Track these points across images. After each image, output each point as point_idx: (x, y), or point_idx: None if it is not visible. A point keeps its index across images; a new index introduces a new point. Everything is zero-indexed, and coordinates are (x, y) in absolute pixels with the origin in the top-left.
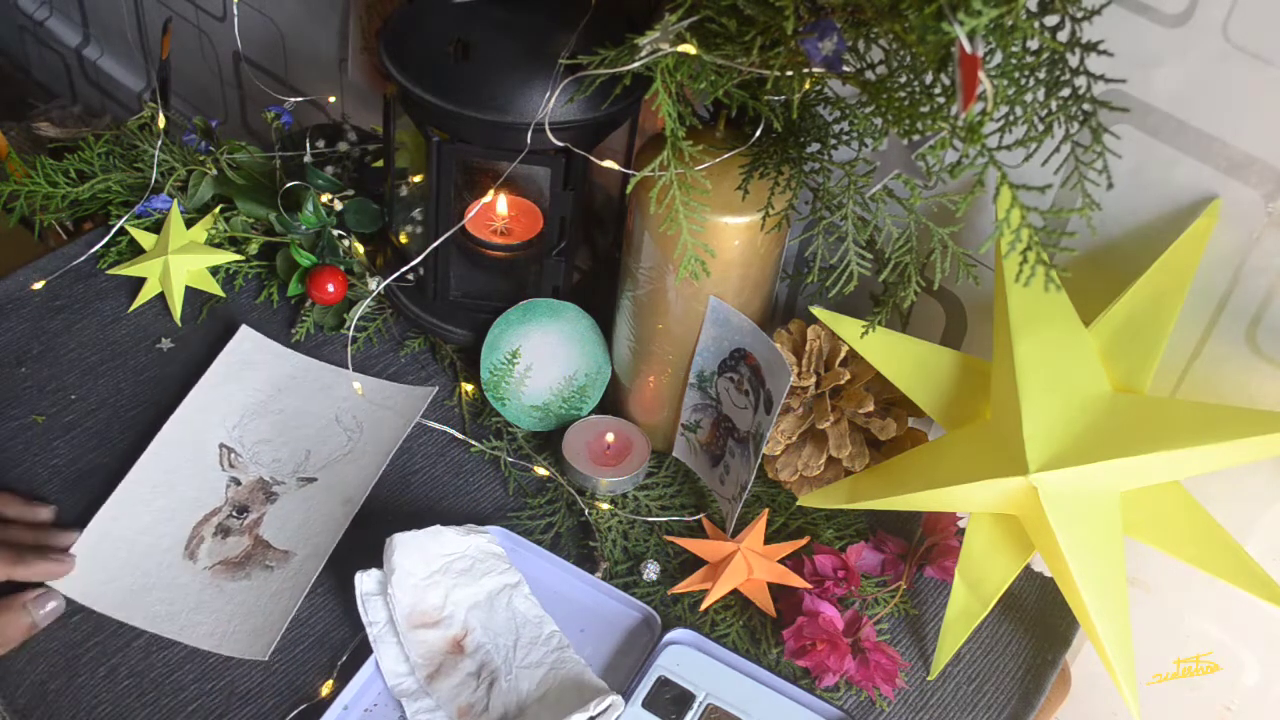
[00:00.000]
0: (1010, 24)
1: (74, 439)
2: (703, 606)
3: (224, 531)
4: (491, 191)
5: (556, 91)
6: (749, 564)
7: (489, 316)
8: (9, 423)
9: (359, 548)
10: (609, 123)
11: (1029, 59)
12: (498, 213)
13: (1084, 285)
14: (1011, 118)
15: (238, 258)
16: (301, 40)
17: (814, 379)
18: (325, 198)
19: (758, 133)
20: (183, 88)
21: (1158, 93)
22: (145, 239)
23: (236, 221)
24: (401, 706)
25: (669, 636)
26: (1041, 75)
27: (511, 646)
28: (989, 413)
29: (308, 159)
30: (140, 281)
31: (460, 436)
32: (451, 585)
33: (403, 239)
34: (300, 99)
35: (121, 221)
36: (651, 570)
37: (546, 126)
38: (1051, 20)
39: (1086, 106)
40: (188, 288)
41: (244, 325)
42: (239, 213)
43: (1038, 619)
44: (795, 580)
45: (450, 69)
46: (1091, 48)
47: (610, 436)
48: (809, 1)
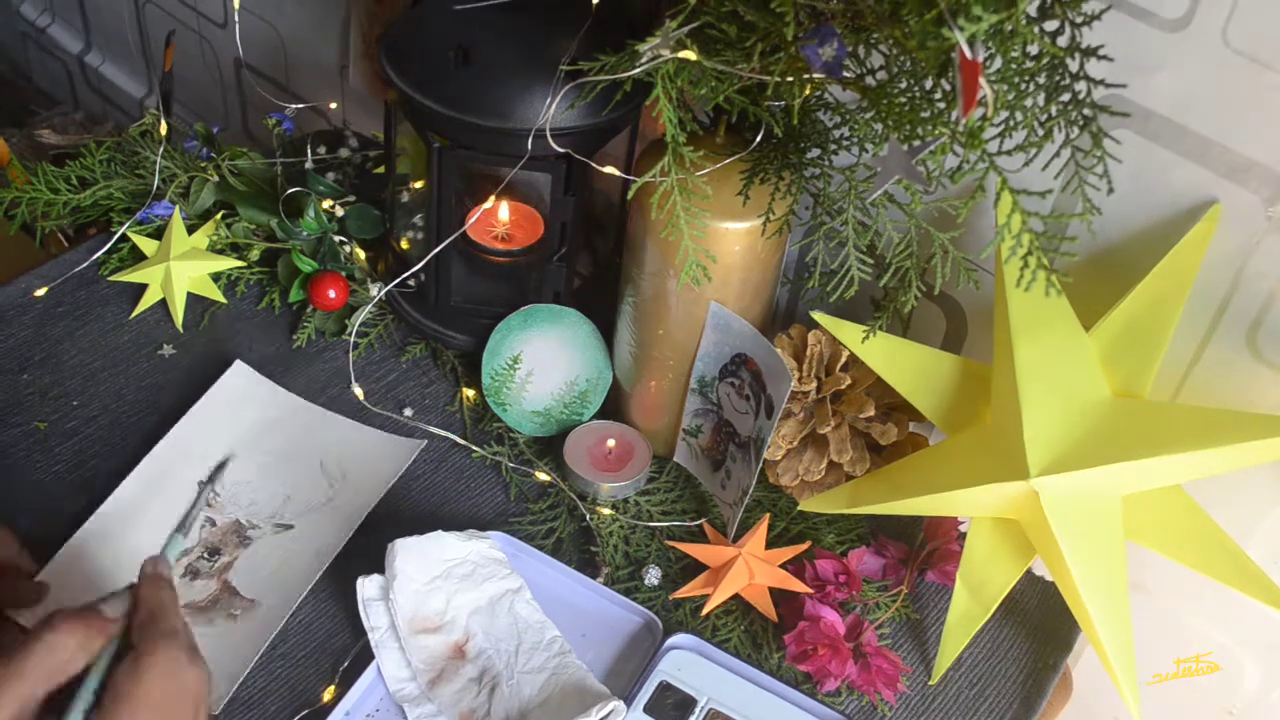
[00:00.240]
0: (1010, 29)
1: (76, 445)
2: (704, 611)
3: (193, 574)
4: (492, 197)
5: (557, 98)
6: (750, 569)
7: (490, 322)
8: (11, 429)
9: (361, 553)
10: (610, 128)
11: (1029, 64)
12: (499, 218)
13: (1084, 290)
14: (1012, 123)
15: (239, 264)
16: (302, 47)
17: (815, 384)
18: (326, 204)
19: (758, 138)
20: (184, 94)
21: (1157, 97)
22: (147, 245)
23: (238, 228)
24: (403, 712)
25: (670, 641)
26: (1041, 80)
27: (513, 652)
28: (990, 417)
29: (309, 165)
30: (142, 288)
31: (462, 442)
32: (453, 590)
33: (404, 245)
34: (301, 105)
35: (124, 228)
36: (653, 575)
37: (547, 132)
38: (1051, 25)
39: (1087, 111)
40: (189, 294)
41: (238, 361)
42: (240, 219)
43: (1039, 623)
44: (797, 585)
45: (451, 75)
46: (1091, 53)
47: (611, 442)
48: (809, 7)
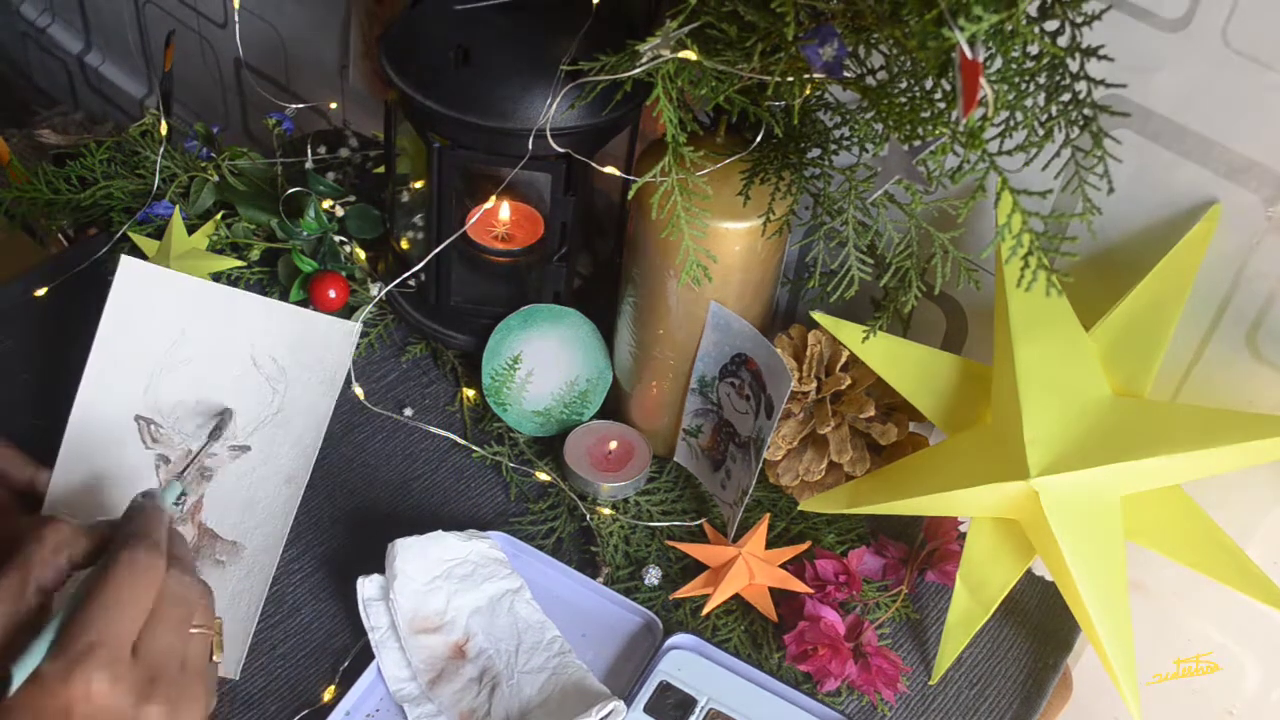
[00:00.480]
0: (1011, 29)
1: None
2: (704, 611)
3: None
4: (493, 197)
5: (557, 98)
6: (750, 569)
7: (490, 322)
8: (11, 429)
9: (361, 553)
10: (610, 128)
11: (1029, 64)
12: (499, 218)
13: (1085, 290)
14: (1012, 123)
15: (239, 264)
16: (302, 47)
17: (815, 384)
18: (327, 204)
19: (758, 138)
20: (184, 94)
21: (1158, 97)
22: (147, 245)
23: (238, 228)
24: (404, 712)
25: (670, 641)
26: (1042, 80)
27: (513, 652)
28: (990, 417)
29: (309, 165)
30: None
31: (462, 442)
32: (453, 590)
33: (404, 245)
34: (301, 105)
35: (124, 229)
36: (653, 575)
37: (547, 132)
38: (1052, 25)
39: (1087, 111)
40: None
41: (124, 256)
42: (240, 219)
43: (1039, 623)
44: (797, 585)
45: (451, 75)
46: (1092, 53)
47: (612, 442)
48: (809, 8)
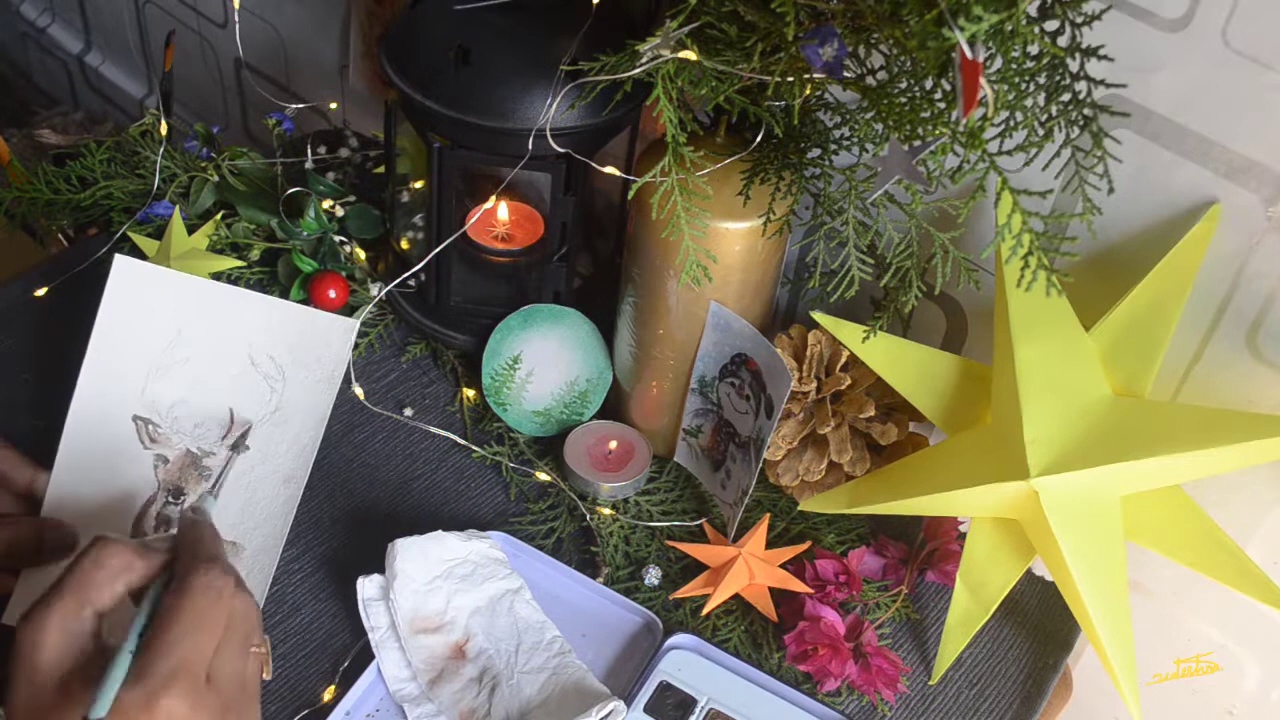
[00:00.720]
0: (1010, 29)
1: None
2: (704, 611)
3: (165, 523)
4: (493, 197)
5: (557, 98)
6: (750, 569)
7: (490, 322)
8: (11, 430)
9: (361, 553)
10: (610, 128)
11: (1029, 64)
12: (499, 218)
13: (1085, 290)
14: (1012, 123)
15: (239, 264)
16: (302, 47)
17: (815, 384)
18: (327, 204)
19: (759, 138)
20: (184, 94)
21: (1158, 97)
22: (147, 245)
23: (238, 228)
24: (404, 712)
25: (670, 641)
26: (1042, 80)
27: (513, 652)
28: (990, 417)
29: (309, 165)
30: None
31: (462, 442)
32: (453, 590)
33: (404, 245)
34: (301, 105)
35: (124, 229)
36: (653, 575)
37: (547, 132)
38: (1052, 25)
39: (1087, 111)
40: None
41: (118, 255)
42: (240, 219)
43: (1039, 623)
44: (797, 585)
45: (451, 75)
46: (1091, 53)
47: (612, 442)
48: (809, 7)
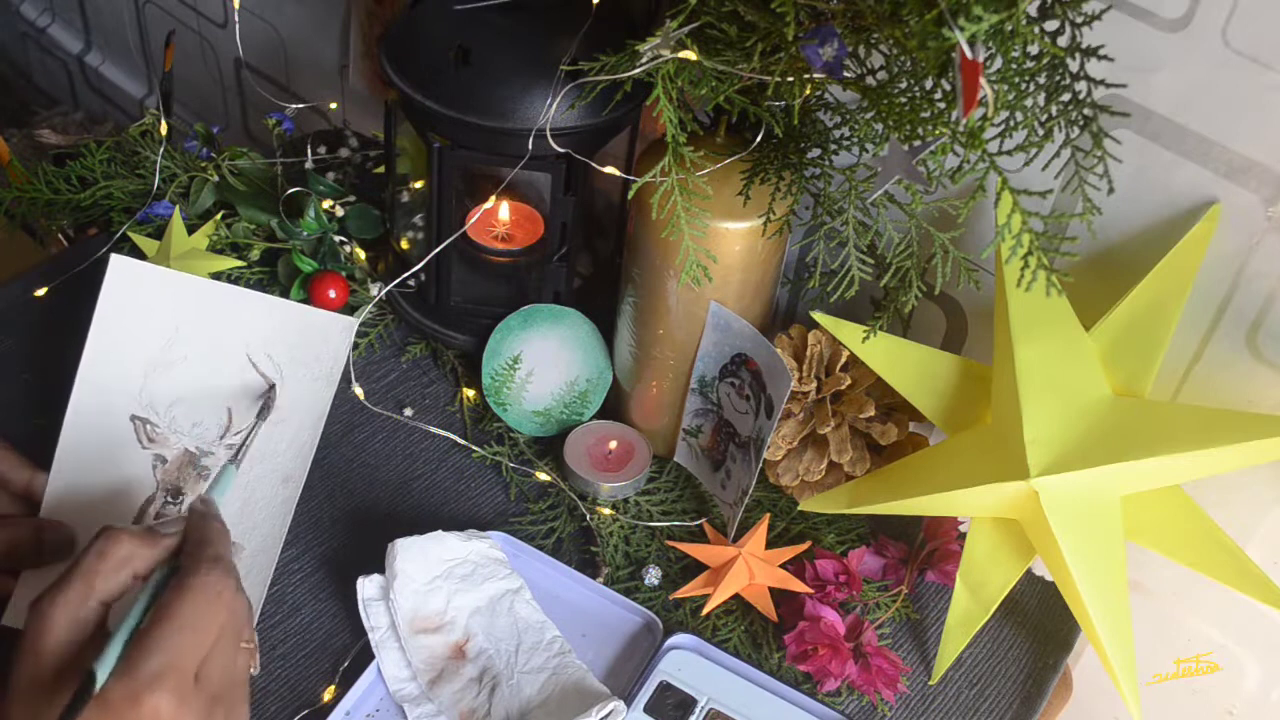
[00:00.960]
0: (1010, 29)
1: None
2: (704, 611)
3: None
4: (493, 197)
5: (557, 98)
6: (750, 569)
7: (490, 322)
8: (11, 430)
9: (361, 553)
10: (610, 128)
11: (1029, 64)
12: (499, 218)
13: (1085, 290)
14: (1012, 123)
15: (239, 264)
16: (302, 47)
17: (815, 384)
18: (327, 204)
19: (759, 138)
20: (184, 94)
21: (1158, 97)
22: (147, 245)
23: (238, 228)
24: (404, 712)
25: (670, 641)
26: (1042, 80)
27: (513, 652)
28: (990, 417)
29: (309, 165)
30: None
31: (462, 442)
32: (453, 590)
33: (404, 245)
34: (301, 105)
35: (124, 229)
36: (653, 575)
37: (547, 132)
38: (1052, 25)
39: (1087, 111)
40: None
41: (114, 255)
42: (240, 219)
43: (1039, 623)
44: (797, 585)
45: (451, 75)
46: (1091, 53)
47: (612, 442)
48: (809, 7)
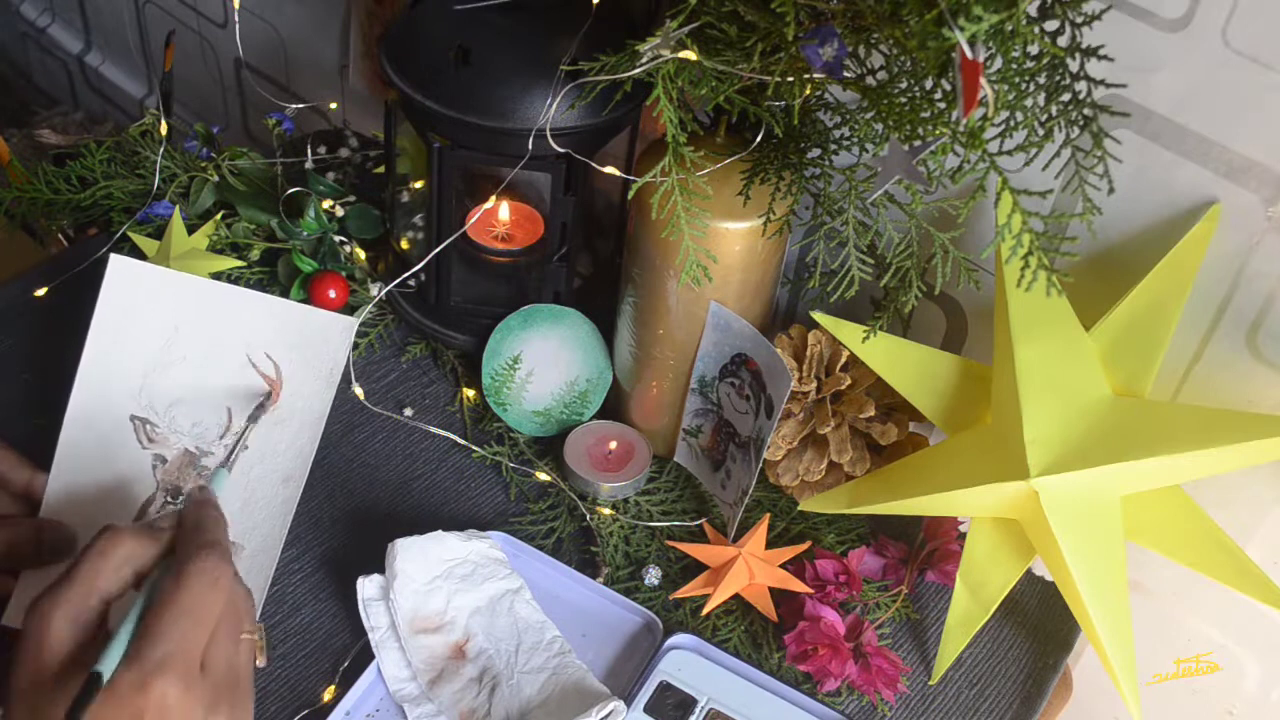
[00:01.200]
0: (1011, 29)
1: None
2: (704, 611)
3: None
4: (493, 197)
5: (557, 98)
6: (750, 569)
7: (490, 322)
8: (11, 430)
9: (361, 553)
10: (610, 128)
11: (1029, 64)
12: (499, 218)
13: (1085, 290)
14: (1012, 123)
15: (239, 264)
16: (302, 47)
17: (815, 384)
18: (327, 204)
19: (759, 138)
20: (184, 94)
21: (1158, 97)
22: (147, 245)
23: (238, 228)
24: (404, 712)
25: (670, 641)
26: (1042, 80)
27: (513, 652)
28: (990, 417)
29: (309, 165)
30: None
31: (462, 442)
32: (453, 590)
33: (404, 245)
34: (301, 105)
35: (124, 229)
36: (653, 575)
37: (547, 132)
38: (1052, 25)
39: (1087, 111)
40: None
41: (113, 255)
42: (240, 219)
43: (1039, 623)
44: (797, 585)
45: (451, 75)
46: (1092, 53)
47: (612, 442)
48: (809, 7)
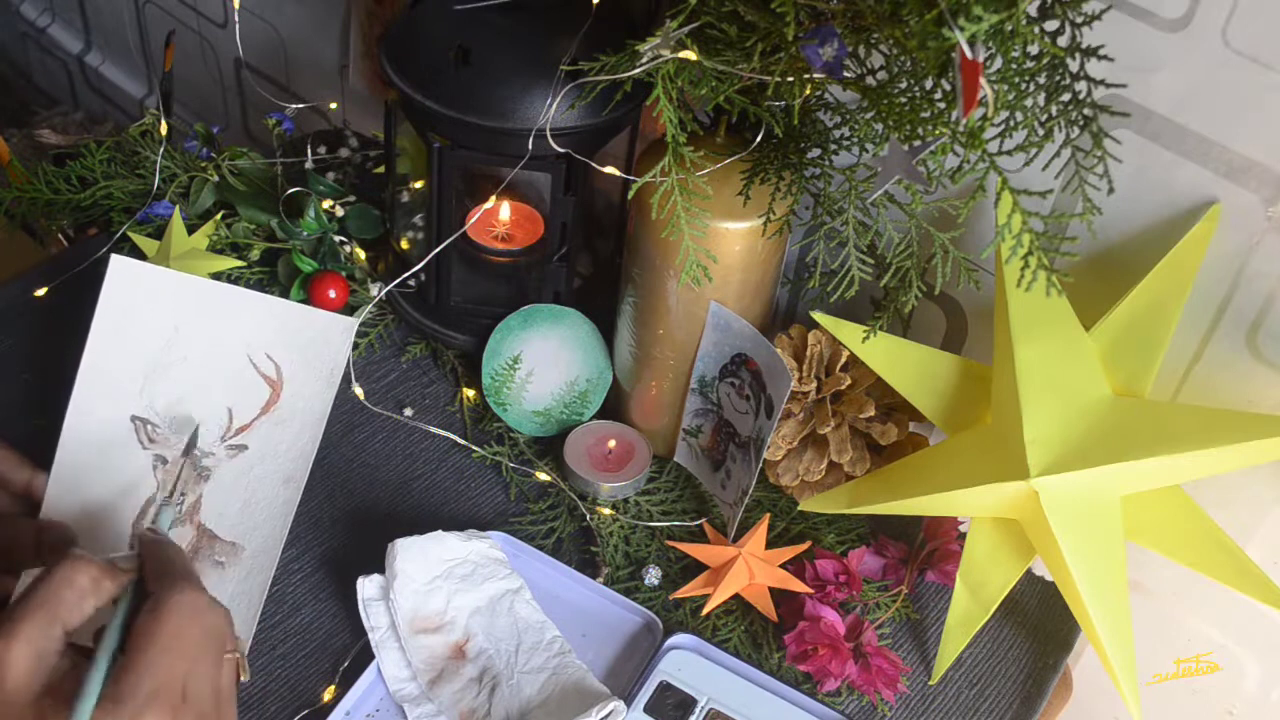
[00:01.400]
0: (1010, 29)
1: None
2: (704, 611)
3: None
4: (493, 197)
5: (557, 98)
6: (750, 569)
7: (490, 322)
8: (11, 430)
9: (361, 553)
10: (610, 128)
11: (1029, 64)
12: (499, 218)
13: (1085, 290)
14: (1012, 123)
15: (239, 264)
16: (302, 47)
17: (815, 384)
18: (327, 204)
19: (759, 138)
20: (184, 94)
21: (1158, 97)
22: (147, 245)
23: (238, 228)
24: (404, 712)
25: (670, 641)
26: (1042, 80)
27: (513, 652)
28: (990, 417)
29: (309, 165)
30: None
31: (462, 442)
32: (453, 590)
33: (404, 245)
34: (302, 105)
35: (124, 229)
36: (653, 575)
37: (547, 132)
38: (1052, 25)
39: (1087, 111)
40: None
41: (114, 255)
42: (240, 219)
43: (1039, 623)
44: (797, 585)
45: (451, 75)
46: (1091, 53)
47: (612, 442)
48: (809, 7)
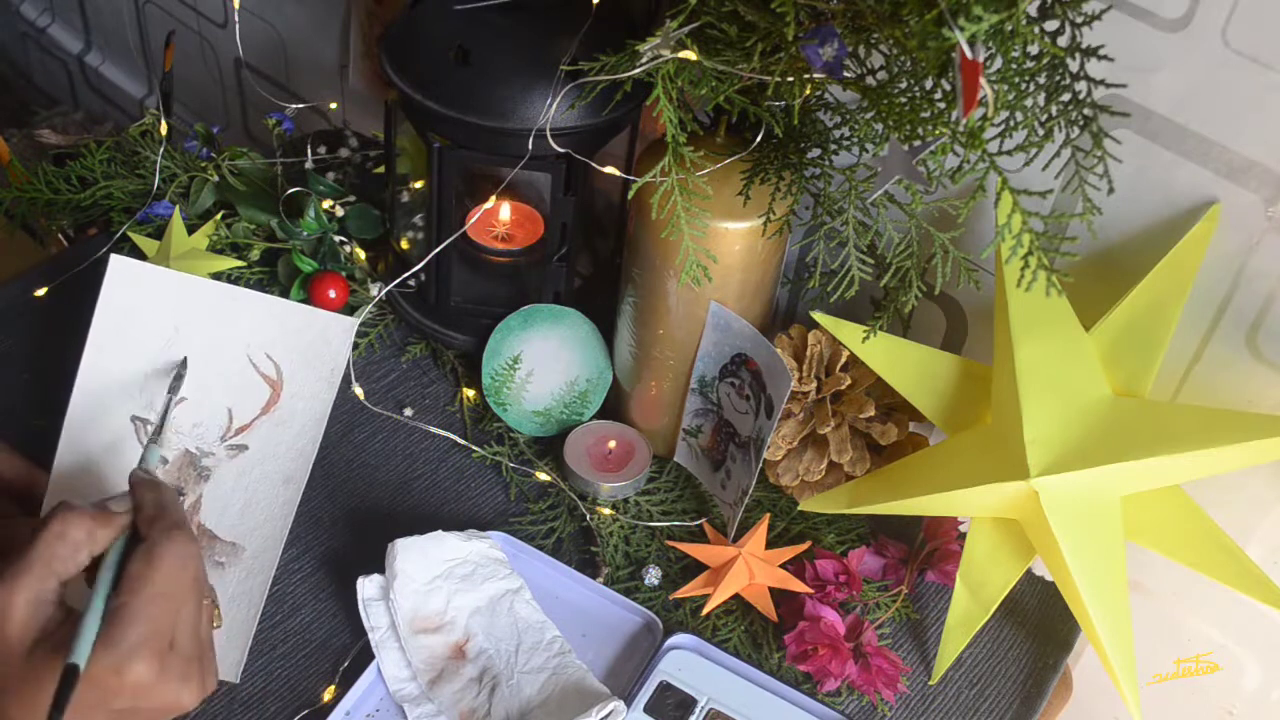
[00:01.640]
0: (1010, 29)
1: None
2: (704, 611)
3: None
4: (493, 197)
5: (557, 98)
6: (750, 569)
7: (490, 322)
8: (11, 430)
9: (361, 553)
10: (610, 128)
11: (1029, 64)
12: (499, 219)
13: (1085, 290)
14: (1012, 123)
15: (239, 264)
16: (303, 47)
17: (815, 384)
18: (327, 204)
19: (759, 138)
20: (184, 94)
21: (1158, 97)
22: (147, 245)
23: (238, 228)
24: (404, 712)
25: (670, 641)
26: (1042, 80)
27: (513, 652)
28: (990, 417)
29: (309, 165)
30: None
31: (462, 442)
32: (453, 590)
33: (404, 245)
34: (302, 105)
35: (124, 229)
36: (653, 575)
37: (547, 132)
38: (1052, 25)
39: (1087, 111)
40: None
41: (114, 256)
42: (240, 219)
43: (1039, 623)
44: (797, 585)
45: (451, 75)
46: (1092, 53)
47: (612, 442)
48: (809, 7)
